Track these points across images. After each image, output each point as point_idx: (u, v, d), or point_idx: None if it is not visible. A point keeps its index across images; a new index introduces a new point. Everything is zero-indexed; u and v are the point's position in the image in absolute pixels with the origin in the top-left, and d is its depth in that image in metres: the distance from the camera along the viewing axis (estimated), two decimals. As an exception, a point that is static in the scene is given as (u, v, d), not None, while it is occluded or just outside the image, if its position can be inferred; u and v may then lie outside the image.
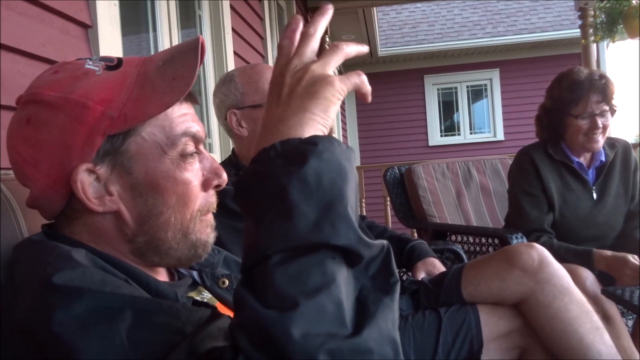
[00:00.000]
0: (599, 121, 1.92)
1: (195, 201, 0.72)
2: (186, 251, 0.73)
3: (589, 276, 1.70)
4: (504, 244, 1.97)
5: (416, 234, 3.08)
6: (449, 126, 9.09)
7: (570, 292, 1.22)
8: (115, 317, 0.56)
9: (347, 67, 6.13)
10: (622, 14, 3.70)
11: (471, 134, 8.98)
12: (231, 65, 2.95)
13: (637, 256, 1.72)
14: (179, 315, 0.59)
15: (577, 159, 2.02)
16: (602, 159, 2.03)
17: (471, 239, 2.35)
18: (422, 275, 1.54)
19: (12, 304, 0.62)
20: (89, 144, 0.66)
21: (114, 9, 1.69)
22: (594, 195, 2.02)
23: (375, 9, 6.61)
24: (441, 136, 8.96)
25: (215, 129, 2.88)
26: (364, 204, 5.32)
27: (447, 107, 9.03)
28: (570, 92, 1.95)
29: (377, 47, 7.98)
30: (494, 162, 2.92)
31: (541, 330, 1.21)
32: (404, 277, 1.63)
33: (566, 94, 1.97)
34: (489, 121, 8.87)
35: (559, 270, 1.24)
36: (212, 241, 0.77)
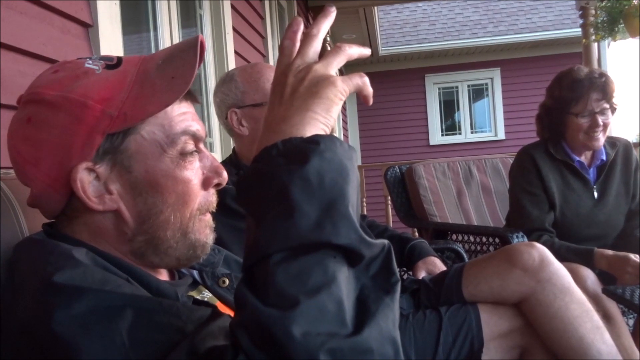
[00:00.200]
0: (600, 119, 1.92)
1: (195, 200, 0.72)
2: (185, 251, 0.73)
3: (589, 275, 1.69)
4: (504, 243, 1.97)
5: (417, 233, 3.08)
6: (450, 125, 9.09)
7: (570, 291, 1.22)
8: (115, 316, 0.55)
9: (347, 67, 6.13)
10: (623, 13, 3.70)
11: (472, 133, 8.98)
12: (232, 64, 2.95)
13: (638, 255, 1.72)
14: (179, 314, 0.59)
15: (578, 158, 2.02)
16: (603, 157, 2.02)
17: (472, 238, 2.35)
18: (422, 274, 1.54)
19: (12, 303, 0.62)
20: (89, 143, 0.66)
21: (115, 8, 1.69)
22: (595, 194, 2.02)
23: (376, 8, 6.60)
24: (442, 135, 8.95)
25: (216, 128, 2.88)
26: (364, 203, 5.32)
27: (448, 107, 9.02)
28: (570, 91, 1.95)
29: (378, 46, 7.97)
30: (495, 161, 2.92)
31: (542, 329, 1.21)
32: (405, 276, 1.63)
33: (566, 93, 1.96)
34: (490, 120, 8.86)
35: (559, 269, 1.24)
36: (211, 242, 0.76)
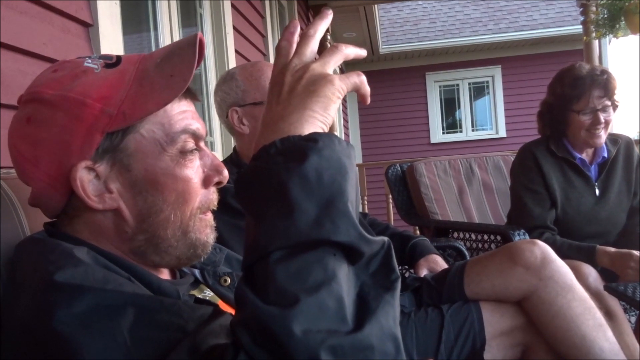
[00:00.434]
0: (601, 116, 1.92)
1: (195, 198, 0.72)
2: (185, 250, 0.73)
3: (591, 273, 1.69)
4: (506, 240, 1.97)
5: (418, 231, 3.07)
6: (451, 123, 9.08)
7: (573, 289, 1.22)
8: (117, 315, 0.55)
9: (348, 65, 6.13)
10: (623, 10, 3.68)
11: (473, 131, 8.97)
12: (232, 63, 2.95)
13: (640, 252, 1.71)
14: (180, 312, 0.59)
15: (579, 155, 2.02)
16: (605, 155, 2.02)
17: (473, 236, 2.35)
18: (424, 272, 1.54)
19: (13, 302, 0.62)
20: (88, 142, 0.66)
21: (115, 8, 1.69)
22: (597, 191, 2.01)
23: (376, 6, 6.59)
24: (443, 133, 8.94)
25: (216, 127, 2.88)
26: (366, 202, 5.32)
27: (449, 105, 9.01)
28: (572, 88, 1.95)
29: (379, 44, 7.96)
30: (496, 159, 2.92)
31: (544, 327, 1.21)
32: (407, 275, 1.63)
33: (568, 90, 1.96)
34: (491, 118, 8.85)
35: (561, 267, 1.24)
36: (212, 241, 0.76)
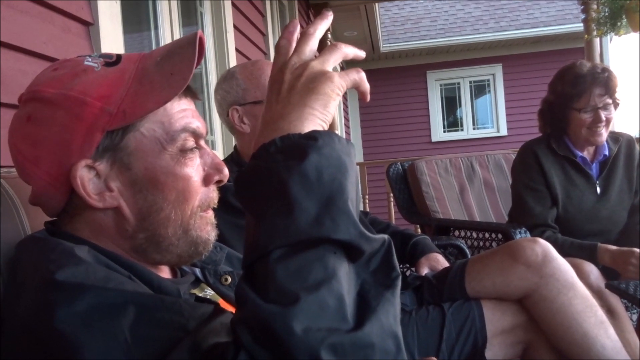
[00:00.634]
0: (602, 114, 1.91)
1: (195, 197, 0.72)
2: (186, 248, 0.73)
3: (593, 270, 1.69)
4: (507, 239, 1.97)
5: (419, 230, 3.08)
6: (452, 122, 9.07)
7: (574, 286, 1.22)
8: (118, 313, 0.55)
9: (349, 64, 6.12)
10: (624, 8, 3.68)
11: (474, 129, 8.96)
12: (233, 62, 2.95)
13: (641, 250, 1.71)
14: (181, 311, 0.59)
15: (580, 154, 2.01)
16: (606, 153, 2.02)
17: (474, 234, 2.35)
18: (425, 270, 1.54)
19: (14, 301, 0.62)
20: (88, 140, 0.66)
21: (116, 7, 1.69)
22: (598, 189, 2.01)
23: (377, 4, 6.58)
24: (444, 132, 8.93)
25: (217, 126, 2.88)
26: (367, 200, 5.31)
27: (450, 103, 9.00)
28: (573, 86, 1.95)
29: (379, 43, 7.95)
30: (497, 157, 2.91)
31: (545, 325, 1.21)
32: (408, 273, 1.63)
33: (569, 88, 1.96)
34: (492, 116, 8.84)
35: (563, 265, 1.24)
36: (213, 239, 0.76)
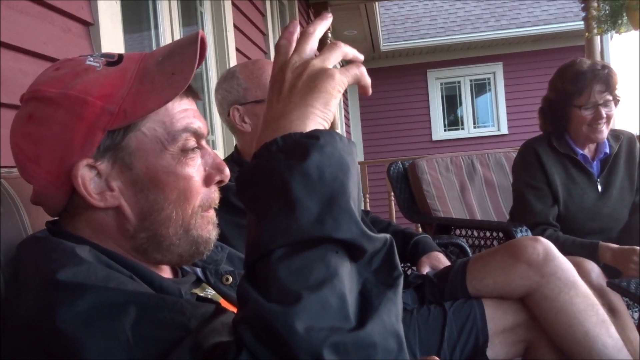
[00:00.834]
0: (603, 111, 1.91)
1: (196, 197, 0.72)
2: (187, 247, 0.73)
3: (594, 269, 1.69)
4: (508, 237, 1.97)
5: (420, 229, 3.07)
6: (453, 120, 9.07)
7: (575, 285, 1.22)
8: (119, 313, 0.55)
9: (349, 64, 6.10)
10: (624, 6, 3.67)
11: (475, 128, 8.96)
12: (233, 61, 2.95)
13: (643, 248, 1.71)
14: (183, 310, 0.59)
15: (581, 151, 2.01)
16: (607, 151, 2.01)
17: (476, 233, 2.35)
18: (426, 269, 1.54)
19: (16, 301, 0.62)
20: (90, 140, 0.66)
21: (116, 7, 1.69)
22: (599, 187, 2.01)
23: (377, 3, 6.57)
24: (445, 131, 8.93)
25: (218, 126, 2.88)
26: (368, 200, 5.31)
27: (451, 102, 9.00)
28: (573, 83, 1.94)
29: (380, 42, 7.95)
30: (498, 155, 2.91)
31: (547, 323, 1.21)
32: (409, 272, 1.62)
33: (569, 85, 1.96)
34: (493, 115, 8.84)
35: (564, 263, 1.24)
36: (214, 238, 0.76)
